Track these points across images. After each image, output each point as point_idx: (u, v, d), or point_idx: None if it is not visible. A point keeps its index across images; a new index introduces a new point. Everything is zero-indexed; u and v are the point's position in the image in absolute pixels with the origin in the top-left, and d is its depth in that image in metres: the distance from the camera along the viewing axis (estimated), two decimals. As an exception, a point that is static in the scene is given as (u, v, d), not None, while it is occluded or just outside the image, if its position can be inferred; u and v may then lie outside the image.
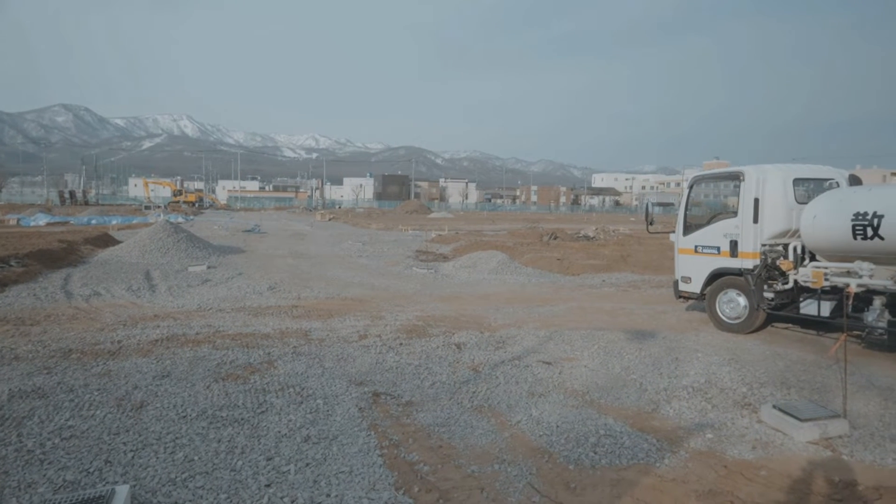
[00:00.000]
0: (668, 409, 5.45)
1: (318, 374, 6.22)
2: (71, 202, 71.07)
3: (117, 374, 6.05)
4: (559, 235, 26.08)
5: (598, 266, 16.40)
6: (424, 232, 31.68)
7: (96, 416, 4.91)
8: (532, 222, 45.78)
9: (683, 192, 9.70)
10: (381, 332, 8.16)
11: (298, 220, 47.10)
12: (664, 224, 21.62)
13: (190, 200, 72.93)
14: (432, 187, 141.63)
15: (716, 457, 4.45)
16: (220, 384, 5.79)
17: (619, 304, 11.00)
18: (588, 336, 7.85)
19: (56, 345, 7.12)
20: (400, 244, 23.98)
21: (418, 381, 6.09)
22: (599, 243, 23.15)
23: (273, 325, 8.61)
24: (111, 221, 34.44)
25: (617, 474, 4.14)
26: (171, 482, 3.84)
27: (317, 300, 10.98)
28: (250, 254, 19.52)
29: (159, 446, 4.36)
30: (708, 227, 8.98)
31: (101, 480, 3.85)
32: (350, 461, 4.20)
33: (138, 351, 6.97)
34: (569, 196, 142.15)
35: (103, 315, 9.09)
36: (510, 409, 5.34)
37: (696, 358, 6.84)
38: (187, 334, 7.84)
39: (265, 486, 3.83)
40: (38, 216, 35.69)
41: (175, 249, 16.95)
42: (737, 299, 8.43)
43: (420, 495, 3.78)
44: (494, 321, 9.16)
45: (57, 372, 6.04)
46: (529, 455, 4.40)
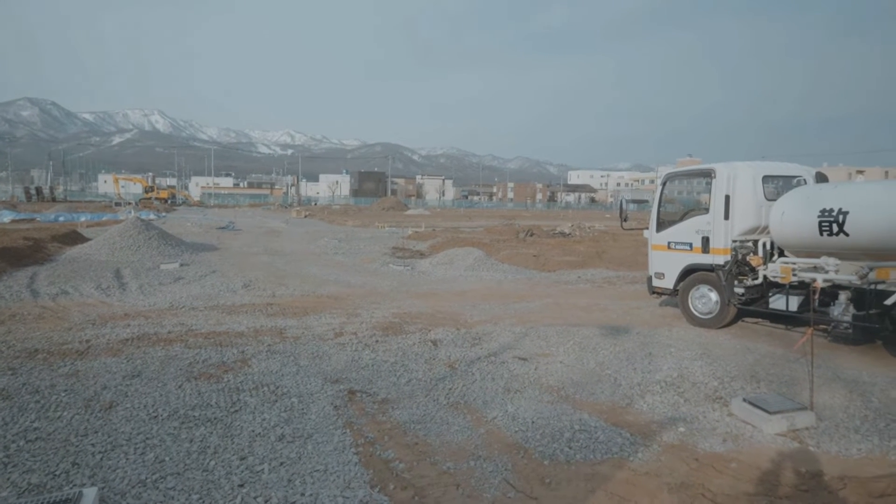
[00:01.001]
0: (642, 403, 5.51)
1: (293, 372, 6.16)
2: (37, 198, 69.31)
3: (86, 374, 5.92)
4: (535, 232, 26.23)
5: (574, 262, 16.54)
6: (401, 229, 31.60)
7: (63, 417, 4.80)
8: (508, 219, 45.96)
9: (657, 190, 9.83)
10: (357, 329, 8.12)
11: (274, 218, 46.62)
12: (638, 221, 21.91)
13: (162, 197, 71.76)
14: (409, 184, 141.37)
15: (688, 450, 4.52)
16: (193, 383, 5.71)
17: (594, 300, 11.10)
18: (563, 332, 7.90)
19: (21, 345, 6.94)
20: (376, 241, 23.88)
21: (394, 378, 6.07)
22: (575, 240, 23.34)
23: (247, 323, 8.51)
24: (80, 218, 33.70)
25: (591, 469, 4.17)
26: (142, 483, 3.77)
27: (292, 298, 10.88)
28: (224, 251, 19.26)
29: (129, 447, 4.28)
30: (680, 224, 9.10)
31: (68, 483, 3.76)
32: (325, 459, 4.17)
33: (108, 350, 6.83)
34: (545, 193, 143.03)
35: (71, 314, 8.89)
36: (486, 406, 5.35)
37: (669, 353, 6.93)
38: (159, 333, 7.71)
39: (238, 485, 3.78)
40: (3, 213, 34.74)
41: (146, 247, 16.64)
42: (708, 295, 8.56)
43: (395, 493, 3.77)
44: (471, 318, 9.17)
45: (22, 373, 5.89)
46: (505, 451, 4.41)
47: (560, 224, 34.68)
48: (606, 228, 31.00)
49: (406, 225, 35.24)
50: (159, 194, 72.57)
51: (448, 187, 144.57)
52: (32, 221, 31.25)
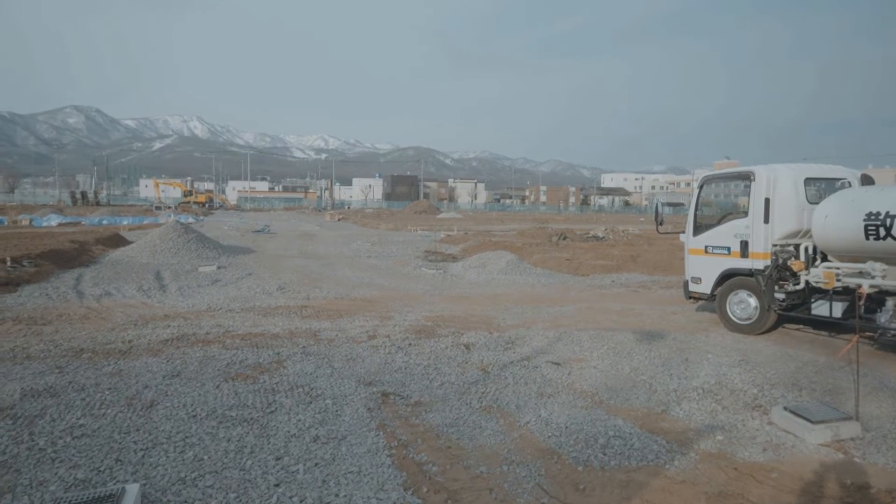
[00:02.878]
0: (678, 410, 5.41)
1: (328, 374, 6.23)
2: (82, 203, 71.67)
3: (128, 373, 6.09)
4: (568, 236, 26.02)
5: (608, 266, 16.34)
6: (433, 232, 31.68)
7: (107, 414, 4.95)
8: (541, 222, 45.68)
9: (693, 192, 9.65)
10: (390, 332, 8.17)
11: (308, 221, 47.25)
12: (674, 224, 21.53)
13: (200, 201, 73.38)
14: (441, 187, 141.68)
15: (726, 459, 4.42)
16: (230, 384, 5.82)
17: (628, 304, 10.95)
18: (597, 337, 7.81)
19: (68, 344, 7.18)
20: (409, 244, 24.00)
21: (427, 381, 6.09)
22: (609, 243, 23.07)
23: (282, 325, 8.64)
24: (122, 222, 34.72)
25: (626, 476, 4.12)
26: (181, 481, 3.86)
27: (326, 300, 11.01)
28: (260, 254, 19.60)
29: (169, 445, 4.39)
30: (718, 228, 8.92)
31: (112, 479, 3.87)
32: (359, 461, 4.21)
33: (149, 350, 7.01)
34: (578, 196, 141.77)
35: (114, 315, 9.16)
36: (519, 410, 5.33)
37: (707, 359, 6.79)
38: (197, 334, 7.88)
39: (274, 485, 3.84)
40: (51, 217, 36.03)
41: (185, 250, 17.05)
42: (747, 300, 8.37)
43: (429, 496, 3.78)
44: (503, 322, 9.14)
45: (68, 371, 6.09)
46: (538, 456, 4.39)
47: (594, 227, 34.34)
48: (641, 232, 30.58)
49: (438, 228, 35.32)
50: (197, 198, 74.23)
51: (480, 190, 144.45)
52: (78, 225, 32.33)
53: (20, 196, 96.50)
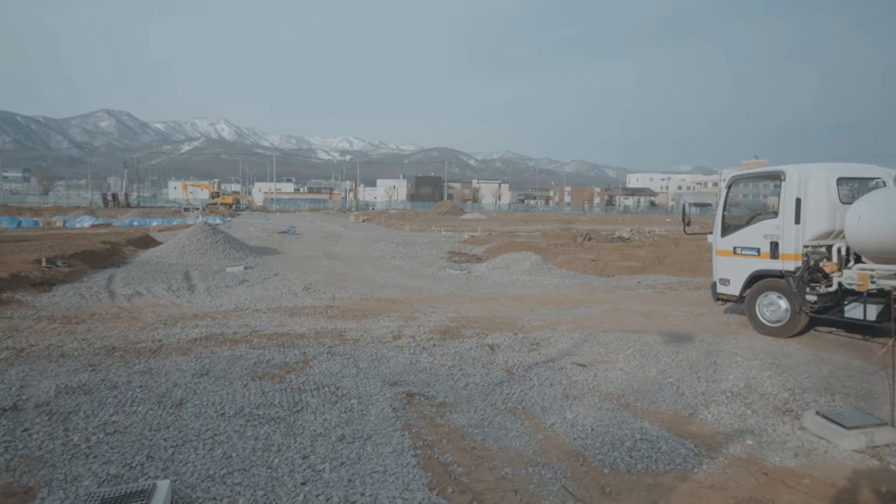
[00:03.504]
0: (707, 413, 5.34)
1: (353, 373, 6.28)
2: (114, 204, 73.29)
3: (158, 371, 6.20)
4: (593, 236, 25.81)
5: (634, 268, 16.17)
6: (457, 233, 31.70)
7: (138, 412, 5.05)
8: (566, 223, 45.42)
9: (721, 193, 9.50)
10: (415, 332, 8.19)
11: (332, 222, 47.64)
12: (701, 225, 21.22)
13: (227, 202, 74.44)
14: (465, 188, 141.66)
15: (756, 463, 4.34)
16: (257, 383, 5.90)
17: (654, 306, 10.82)
18: (623, 338, 7.74)
19: (100, 343, 7.34)
20: (433, 245, 24.04)
21: (452, 382, 6.09)
22: (634, 244, 22.83)
23: (308, 325, 8.72)
24: (152, 223, 35.41)
25: (653, 479, 4.07)
26: (210, 478, 3.92)
27: (351, 301, 11.09)
28: (286, 255, 19.82)
29: (198, 443, 4.46)
30: (747, 228, 8.77)
31: (143, 475, 3.95)
32: (384, 461, 4.23)
33: (178, 349, 7.14)
34: (603, 197, 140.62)
35: (145, 314, 9.34)
36: (544, 412, 5.31)
37: (736, 362, 6.68)
38: (225, 334, 8.00)
39: (301, 483, 3.88)
40: (83, 218, 36.90)
41: (213, 250, 17.31)
42: (778, 302, 8.21)
43: (454, 496, 3.78)
44: (528, 323, 9.11)
45: (101, 369, 6.23)
46: (564, 458, 4.36)
47: (619, 228, 34.02)
48: (667, 233, 30.22)
49: (462, 229, 35.33)
50: (224, 200, 75.31)
51: (504, 191, 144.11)
52: (109, 226, 33.05)
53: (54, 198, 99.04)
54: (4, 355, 6.64)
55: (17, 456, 4.16)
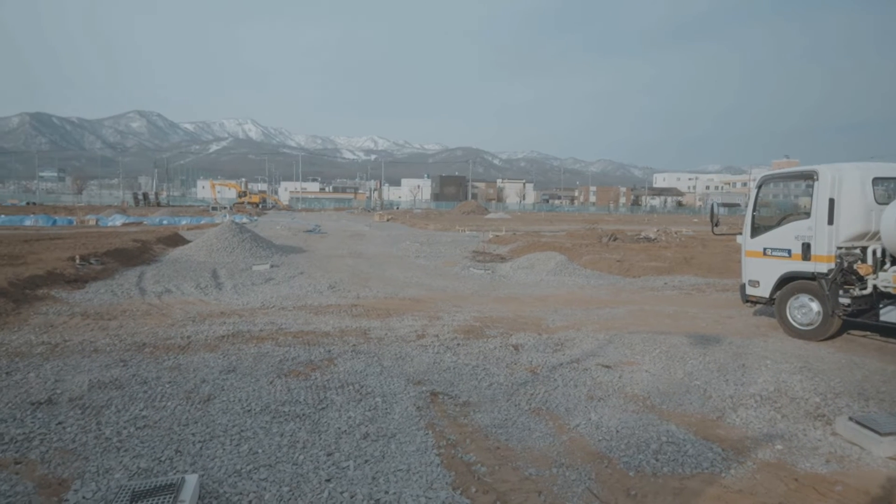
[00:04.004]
0: (734, 417, 5.25)
1: (377, 372, 6.31)
2: (144, 203, 74.80)
3: (186, 367, 6.31)
4: (619, 237, 25.56)
5: (660, 268, 15.97)
6: (481, 233, 31.65)
7: (167, 407, 5.15)
8: (591, 223, 45.04)
9: (751, 193, 9.34)
10: (439, 332, 8.20)
11: (357, 221, 47.94)
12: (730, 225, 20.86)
13: (254, 201, 75.40)
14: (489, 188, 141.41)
15: (786, 469, 4.26)
16: (283, 380, 5.96)
17: (681, 307, 10.68)
18: (649, 340, 7.65)
19: (131, 339, 7.50)
20: (457, 245, 24.05)
21: (475, 381, 6.09)
22: (661, 245, 22.54)
23: (333, 323, 8.79)
24: (181, 222, 36.02)
25: (680, 483, 4.02)
26: (237, 473, 3.98)
27: (375, 299, 11.14)
28: (311, 253, 20.00)
29: (225, 438, 4.53)
30: (778, 229, 8.61)
31: (172, 469, 4.02)
32: (408, 459, 4.24)
33: (206, 346, 7.25)
34: (629, 196, 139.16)
35: (174, 311, 9.51)
36: (569, 413, 5.27)
37: (765, 365, 6.56)
38: (251, 331, 8.10)
39: (325, 480, 3.91)
40: (115, 217, 37.71)
41: (240, 249, 17.55)
42: (809, 305, 8.04)
43: (477, 496, 3.78)
44: (552, 323, 9.06)
45: (132, 364, 6.36)
46: (588, 460, 4.33)
47: (645, 228, 33.62)
48: (695, 233, 29.79)
49: (486, 229, 35.27)
50: (251, 199, 76.29)
51: (528, 191, 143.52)
52: (140, 225, 33.73)
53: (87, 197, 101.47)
54: (40, 350, 6.83)
55: (52, 448, 4.27)
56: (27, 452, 4.20)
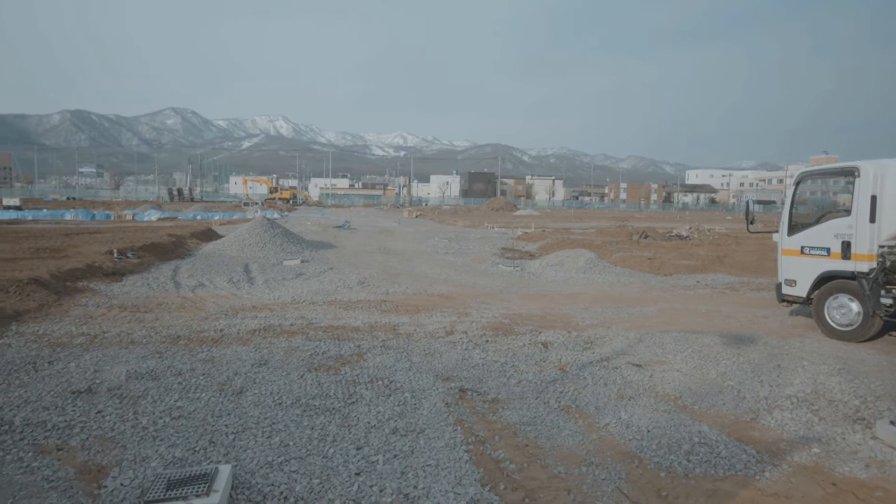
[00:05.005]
0: (769, 419, 5.14)
1: (406, 367, 6.34)
2: (178, 199, 76.35)
3: (220, 360, 6.43)
4: (650, 234, 25.21)
5: (692, 267, 15.71)
6: (510, 229, 31.54)
7: (201, 398, 5.25)
8: (621, 220, 44.52)
9: (789, 190, 9.11)
10: (468, 328, 8.20)
11: (386, 217, 48.20)
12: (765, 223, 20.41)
13: (285, 197, 76.35)
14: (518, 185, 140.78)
15: (823, 473, 4.15)
16: (313, 374, 6.03)
17: (714, 306, 10.49)
18: (681, 339, 7.54)
19: (166, 331, 7.67)
20: (486, 241, 24.01)
21: (504, 378, 6.07)
22: (693, 243, 22.17)
23: (363, 318, 8.86)
24: (214, 217, 36.69)
25: (712, 484, 3.95)
26: (269, 465, 4.04)
27: (404, 295, 11.19)
28: (341, 249, 20.17)
29: (257, 430, 4.60)
30: (816, 227, 8.38)
31: (206, 459, 4.11)
32: (437, 455, 4.26)
33: (238, 339, 7.38)
34: (660, 193, 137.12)
35: (207, 305, 9.69)
36: (598, 411, 5.22)
37: (802, 366, 6.40)
38: (283, 325, 8.21)
39: (355, 474, 3.95)
40: (151, 212, 38.60)
41: (271, 244, 17.79)
42: (849, 305, 7.81)
43: (506, 493, 3.77)
44: (582, 321, 8.98)
45: (167, 356, 6.51)
46: (618, 459, 4.28)
47: (677, 226, 33.10)
48: (728, 231, 29.21)
49: (515, 226, 35.12)
50: (282, 195, 77.29)
51: (558, 188, 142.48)
52: (175, 220, 34.44)
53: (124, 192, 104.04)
54: (80, 341, 7.03)
55: (92, 436, 4.40)
56: (68, 439, 4.34)
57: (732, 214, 77.15)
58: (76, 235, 19.29)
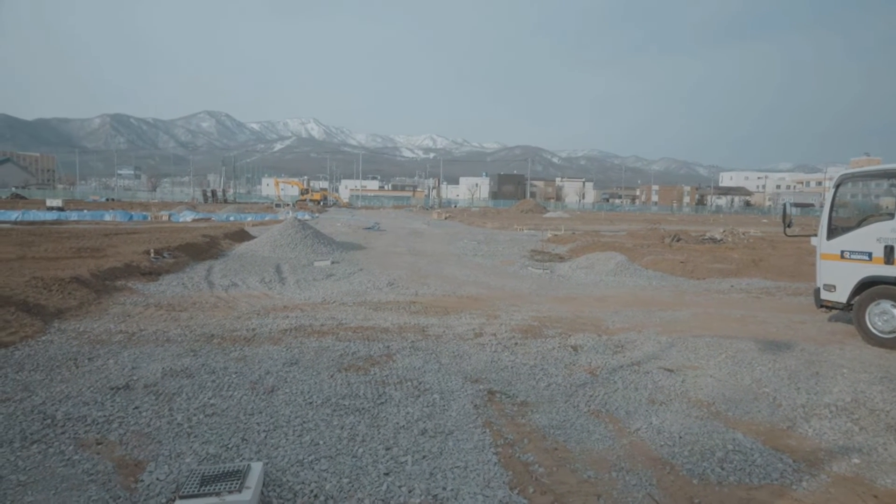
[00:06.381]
0: (807, 427, 5.01)
1: (435, 369, 6.35)
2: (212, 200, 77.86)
3: (252, 359, 6.53)
4: (682, 237, 24.79)
5: (726, 270, 15.41)
6: (540, 232, 31.36)
7: (234, 396, 5.34)
8: (653, 223, 43.90)
9: (828, 192, 8.87)
10: (497, 330, 8.18)
11: (415, 219, 48.36)
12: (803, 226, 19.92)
13: (315, 199, 77.11)
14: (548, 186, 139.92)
15: (864, 484, 4.03)
16: (343, 374, 6.09)
17: (749, 311, 10.27)
18: (714, 344, 7.39)
19: (200, 330, 7.82)
20: (515, 244, 23.91)
21: (533, 381, 6.04)
22: (727, 246, 21.72)
23: (392, 319, 8.91)
24: (246, 218, 37.27)
25: (747, 493, 3.86)
26: (299, 463, 4.09)
27: (433, 297, 11.21)
28: (370, 250, 20.31)
29: (288, 429, 4.66)
30: (857, 231, 8.15)
31: (238, 456, 4.18)
32: (465, 457, 4.25)
33: (270, 339, 7.48)
34: (693, 196, 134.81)
35: (240, 304, 9.85)
36: (629, 416, 5.16)
37: (841, 374, 6.23)
38: (313, 325, 8.31)
39: (384, 474, 3.97)
40: (186, 213, 39.42)
41: (302, 245, 18.01)
42: (891, 311, 7.57)
43: (535, 497, 3.75)
44: (612, 324, 8.88)
45: (201, 354, 6.64)
46: (649, 465, 4.22)
47: (710, 229, 32.50)
48: (763, 234, 28.56)
49: (545, 228, 34.91)
50: (313, 196, 78.09)
51: (588, 190, 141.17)
52: (208, 220, 35.11)
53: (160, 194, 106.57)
54: (118, 338, 7.22)
55: (129, 431, 4.52)
56: (107, 434, 4.46)
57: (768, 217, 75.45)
58: (115, 236, 19.82)
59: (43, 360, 6.22)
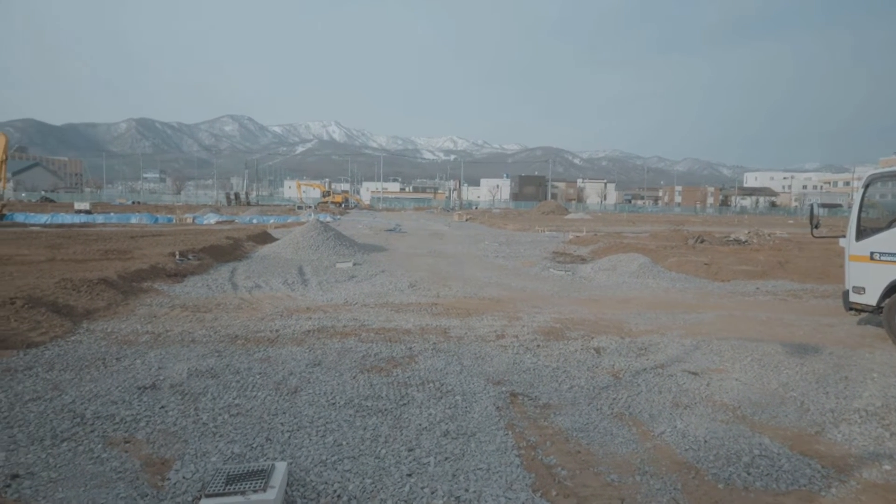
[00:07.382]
0: (836, 432, 4.91)
1: (457, 371, 6.36)
2: (236, 203, 78.80)
3: (275, 360, 6.60)
4: (706, 239, 24.48)
5: (752, 272, 15.17)
6: (561, 233, 31.21)
7: (258, 397, 5.40)
8: (676, 224, 43.40)
9: (857, 192, 8.70)
10: (519, 332, 8.16)
11: (436, 221, 48.43)
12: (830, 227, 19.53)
13: (337, 201, 77.70)
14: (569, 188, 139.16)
15: (895, 491, 3.94)
16: (366, 375, 6.12)
17: (775, 314, 10.10)
18: (740, 347, 7.29)
19: (225, 331, 7.93)
20: (536, 245, 23.82)
21: (556, 383, 6.01)
22: (752, 248, 21.40)
23: (414, 321, 8.93)
24: (269, 220, 37.68)
25: (774, 499, 3.80)
26: (322, 463, 4.13)
27: (455, 299, 11.22)
28: (392, 252, 20.39)
29: (312, 429, 4.70)
30: (888, 232, 7.97)
31: (263, 455, 4.23)
32: (488, 459, 4.25)
33: (293, 340, 7.55)
34: (717, 197, 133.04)
35: (263, 306, 9.96)
36: (653, 419, 5.11)
37: (872, 378, 6.10)
38: (335, 327, 8.36)
39: (407, 475, 3.98)
40: (209, 215, 39.97)
41: (324, 247, 18.15)
42: (923, 314, 7.40)
43: (558, 499, 3.74)
44: (635, 327, 8.80)
45: (226, 355, 6.72)
46: (674, 469, 4.18)
47: (735, 230, 32.04)
48: (790, 236, 28.07)
49: (566, 229, 34.73)
50: (334, 198, 78.70)
51: (610, 191, 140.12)
52: (232, 223, 35.55)
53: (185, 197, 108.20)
54: (145, 339, 7.35)
55: (156, 430, 4.60)
56: (135, 433, 4.54)
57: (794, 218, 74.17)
58: (141, 238, 20.19)
59: (72, 359, 6.36)
